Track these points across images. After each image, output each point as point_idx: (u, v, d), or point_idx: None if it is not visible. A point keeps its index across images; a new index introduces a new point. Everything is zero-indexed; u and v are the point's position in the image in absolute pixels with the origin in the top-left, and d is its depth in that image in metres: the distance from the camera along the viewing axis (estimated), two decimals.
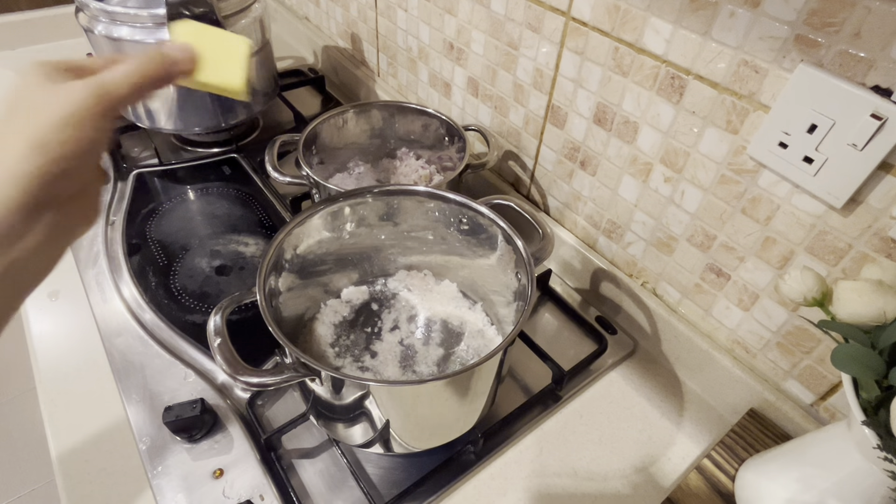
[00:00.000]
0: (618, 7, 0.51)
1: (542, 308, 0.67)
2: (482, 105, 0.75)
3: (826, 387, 0.49)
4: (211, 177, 0.84)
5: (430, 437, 0.48)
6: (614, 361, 0.62)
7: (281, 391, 0.57)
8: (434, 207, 0.55)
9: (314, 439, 0.53)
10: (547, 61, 0.61)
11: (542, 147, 0.67)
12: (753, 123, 0.44)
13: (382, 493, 0.49)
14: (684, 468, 0.53)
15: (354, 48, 1.01)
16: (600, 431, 0.56)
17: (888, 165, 0.38)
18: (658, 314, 0.61)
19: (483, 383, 0.45)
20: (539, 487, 0.51)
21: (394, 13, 0.84)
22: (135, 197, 0.79)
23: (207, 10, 0.70)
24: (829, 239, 0.43)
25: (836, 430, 0.40)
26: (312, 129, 0.69)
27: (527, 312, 0.44)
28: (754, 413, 0.54)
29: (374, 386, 0.41)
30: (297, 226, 0.51)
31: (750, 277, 0.51)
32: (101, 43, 0.74)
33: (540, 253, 0.50)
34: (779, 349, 0.51)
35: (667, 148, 0.52)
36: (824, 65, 0.39)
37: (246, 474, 0.50)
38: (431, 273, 0.62)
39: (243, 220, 0.77)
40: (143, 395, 0.55)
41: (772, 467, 0.45)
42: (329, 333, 0.56)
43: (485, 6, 0.66)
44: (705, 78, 0.46)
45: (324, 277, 0.58)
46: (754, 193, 0.47)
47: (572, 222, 0.68)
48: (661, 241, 0.58)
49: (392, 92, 0.94)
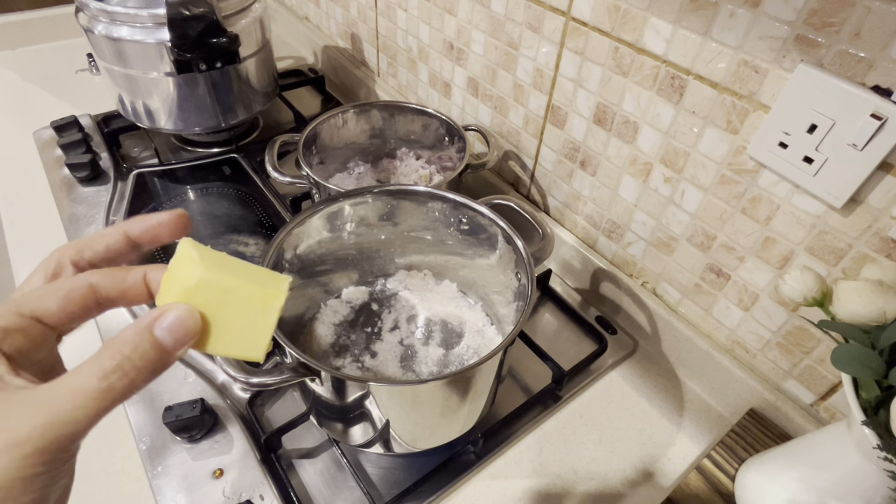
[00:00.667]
0: (618, 7, 0.51)
1: (542, 308, 0.67)
2: (482, 105, 0.75)
3: (826, 387, 0.49)
4: (211, 177, 0.84)
5: (430, 437, 0.48)
6: (614, 361, 0.62)
7: (281, 391, 0.57)
8: (434, 207, 0.55)
9: (314, 439, 0.53)
10: (547, 61, 0.61)
11: (542, 147, 0.67)
12: (753, 123, 0.44)
13: (382, 493, 0.49)
14: (684, 468, 0.53)
15: (354, 48, 1.01)
16: (600, 431, 0.56)
17: (888, 165, 0.38)
18: (658, 314, 0.61)
19: (483, 383, 0.45)
20: (539, 487, 0.51)
21: (394, 13, 0.84)
22: (135, 197, 0.79)
23: (207, 11, 0.70)
24: (829, 239, 0.43)
25: (836, 430, 0.40)
26: (312, 129, 0.69)
27: (527, 312, 0.44)
28: (754, 413, 0.54)
29: (374, 386, 0.41)
30: (297, 226, 0.51)
31: (750, 277, 0.51)
32: (101, 43, 0.74)
33: (540, 253, 0.50)
34: (779, 349, 0.51)
35: (667, 148, 0.52)
36: (824, 65, 0.39)
37: (246, 474, 0.50)
38: (431, 273, 0.62)
39: (243, 220, 0.77)
40: (143, 395, 0.55)
41: (772, 467, 0.45)
42: (329, 333, 0.56)
43: (485, 6, 0.66)
44: (705, 78, 0.46)
45: (324, 277, 0.58)
46: (754, 193, 0.47)
47: (572, 222, 0.68)
48: (661, 241, 0.58)
49: (392, 92, 0.94)
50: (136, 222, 0.27)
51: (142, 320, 0.22)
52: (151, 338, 0.22)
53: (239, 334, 0.25)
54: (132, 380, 0.21)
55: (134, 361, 0.21)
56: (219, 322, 0.24)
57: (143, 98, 0.79)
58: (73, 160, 0.79)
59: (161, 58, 0.73)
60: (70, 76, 1.03)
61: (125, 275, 0.24)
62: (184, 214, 0.27)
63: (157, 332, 0.22)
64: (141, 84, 0.77)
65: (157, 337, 0.22)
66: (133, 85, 0.77)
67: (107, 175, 0.81)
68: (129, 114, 0.82)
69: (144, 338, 0.22)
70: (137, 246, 0.27)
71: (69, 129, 0.86)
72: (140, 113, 0.81)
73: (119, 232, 0.26)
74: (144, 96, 0.78)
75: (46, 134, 0.87)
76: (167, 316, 0.23)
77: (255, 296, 0.25)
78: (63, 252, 0.25)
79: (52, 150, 0.84)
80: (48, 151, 0.84)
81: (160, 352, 0.22)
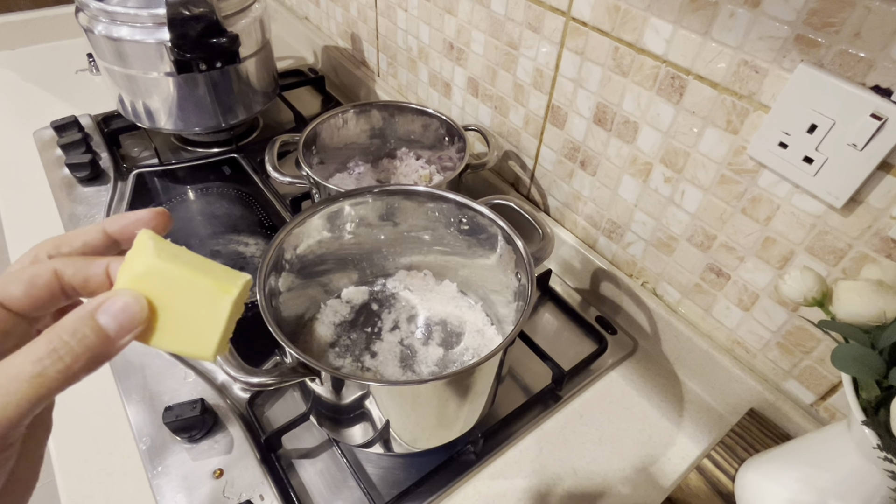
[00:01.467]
0: (618, 7, 0.51)
1: (542, 308, 0.67)
2: (482, 105, 0.75)
3: (826, 387, 0.49)
4: (211, 177, 0.84)
5: (430, 437, 0.48)
6: (614, 361, 0.62)
7: (281, 391, 0.57)
8: (434, 207, 0.55)
9: (314, 439, 0.53)
10: (547, 61, 0.61)
11: (542, 147, 0.67)
12: (753, 123, 0.44)
13: (382, 493, 0.49)
14: (684, 468, 0.53)
15: (354, 48, 1.01)
16: (600, 431, 0.56)
17: (888, 165, 0.38)
18: (658, 314, 0.61)
19: (483, 383, 0.45)
20: (539, 487, 0.51)
21: (394, 13, 0.84)
22: (135, 197, 0.79)
23: (207, 11, 0.70)
24: (829, 239, 0.43)
25: (836, 430, 0.40)
26: (312, 129, 0.69)
27: (527, 312, 0.44)
28: (754, 413, 0.54)
29: (374, 386, 0.41)
30: (297, 226, 0.51)
31: (750, 277, 0.51)
32: (101, 43, 0.74)
33: (540, 253, 0.50)
34: (779, 349, 0.51)
35: (667, 148, 0.52)
36: (824, 65, 0.39)
37: (246, 474, 0.50)
38: (431, 273, 0.62)
39: (243, 220, 0.77)
40: (143, 395, 0.55)
41: (772, 467, 0.45)
42: (329, 333, 0.56)
43: (485, 6, 0.66)
44: (705, 78, 0.46)
45: (324, 277, 0.58)
46: (754, 193, 0.47)
47: (572, 222, 0.68)
48: (661, 241, 0.58)
49: (392, 92, 0.94)
50: (114, 220, 0.26)
51: (86, 306, 0.22)
52: (93, 323, 0.21)
53: (188, 329, 0.24)
54: (67, 366, 0.21)
55: (72, 347, 0.21)
56: (167, 314, 0.23)
57: (143, 98, 0.79)
58: (73, 160, 0.79)
59: (161, 58, 0.73)
60: (70, 76, 1.03)
61: (89, 264, 0.24)
62: (163, 212, 0.27)
63: (100, 318, 0.22)
64: (141, 84, 0.77)
65: (100, 323, 0.21)
66: (133, 85, 0.77)
67: (107, 175, 0.81)
68: (129, 114, 0.82)
69: (86, 323, 0.21)
70: (116, 243, 0.26)
71: (69, 129, 0.86)
72: (140, 113, 0.81)
73: (98, 229, 0.26)
74: (144, 96, 0.78)
75: (46, 134, 0.87)
76: (112, 301, 0.22)
77: (206, 288, 0.23)
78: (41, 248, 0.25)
79: (52, 150, 0.84)
80: (48, 151, 0.84)
81: (102, 338, 0.21)
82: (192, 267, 0.24)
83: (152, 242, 0.23)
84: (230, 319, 0.24)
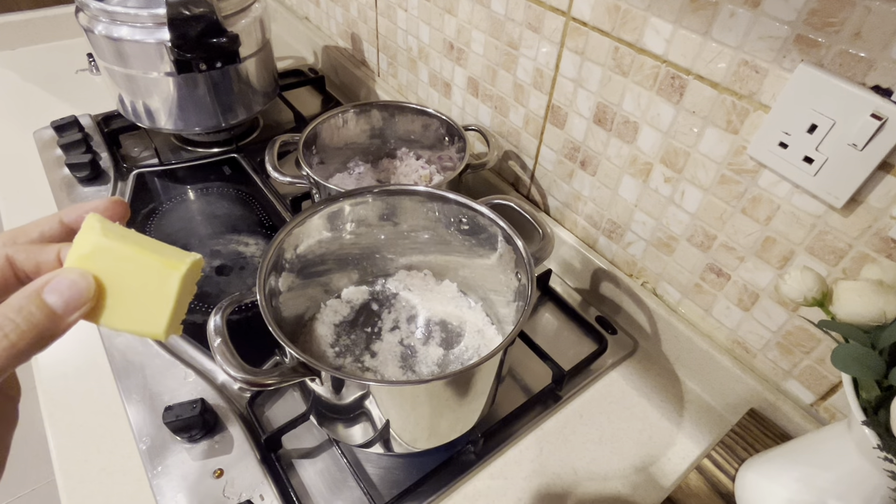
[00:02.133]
0: (618, 7, 0.51)
1: (542, 308, 0.67)
2: (482, 105, 0.75)
3: (826, 387, 0.49)
4: (211, 177, 0.84)
5: (430, 437, 0.48)
6: (614, 361, 0.62)
7: (281, 391, 0.57)
8: (434, 207, 0.55)
9: (314, 439, 0.53)
10: (547, 61, 0.61)
11: (542, 147, 0.67)
12: (753, 123, 0.44)
13: (382, 493, 0.49)
14: (684, 468, 0.53)
15: (354, 48, 1.01)
16: (600, 431, 0.56)
17: (888, 165, 0.38)
18: (658, 314, 0.61)
19: (483, 383, 0.45)
20: (539, 487, 0.51)
21: (394, 13, 0.84)
22: (135, 197, 0.79)
23: (207, 10, 0.70)
24: (829, 239, 0.43)
25: (836, 430, 0.40)
26: (312, 129, 0.69)
27: (527, 312, 0.44)
28: (754, 413, 0.54)
29: (374, 386, 0.41)
30: (297, 226, 0.51)
31: (750, 277, 0.51)
32: (101, 43, 0.74)
33: (540, 253, 0.50)
34: (779, 349, 0.51)
35: (667, 148, 0.52)
36: (824, 65, 0.39)
37: (246, 474, 0.50)
38: (431, 273, 0.62)
39: (243, 220, 0.77)
40: (143, 395, 0.55)
41: (772, 467, 0.45)
42: (329, 333, 0.56)
43: (485, 6, 0.66)
44: (705, 78, 0.46)
45: (324, 277, 0.58)
46: (754, 193, 0.47)
47: (572, 222, 0.68)
48: (661, 241, 0.58)
49: (392, 92, 0.94)
50: (71, 210, 0.27)
51: (32, 284, 0.22)
52: (39, 301, 0.22)
53: (138, 308, 0.24)
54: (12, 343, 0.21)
55: (17, 324, 0.21)
56: (116, 292, 0.23)
57: (143, 98, 0.79)
58: (74, 160, 0.79)
59: (161, 58, 0.73)
60: (70, 76, 1.03)
61: (40, 249, 0.24)
62: (119, 201, 0.27)
63: (46, 296, 0.22)
64: (141, 84, 0.77)
65: (47, 300, 0.22)
66: (133, 85, 0.77)
67: (107, 175, 0.81)
68: (129, 114, 0.82)
69: (32, 301, 0.21)
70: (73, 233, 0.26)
71: (69, 129, 0.86)
72: (140, 113, 0.81)
73: (54, 220, 0.26)
74: (144, 96, 0.78)
75: (46, 134, 0.87)
76: (58, 279, 0.22)
77: (154, 266, 0.23)
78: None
79: (52, 150, 0.84)
80: (48, 151, 0.84)
81: (48, 315, 0.22)
82: (140, 246, 0.24)
83: (99, 224, 0.24)
84: (180, 298, 0.24)
